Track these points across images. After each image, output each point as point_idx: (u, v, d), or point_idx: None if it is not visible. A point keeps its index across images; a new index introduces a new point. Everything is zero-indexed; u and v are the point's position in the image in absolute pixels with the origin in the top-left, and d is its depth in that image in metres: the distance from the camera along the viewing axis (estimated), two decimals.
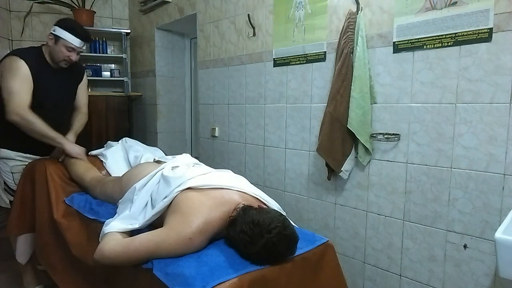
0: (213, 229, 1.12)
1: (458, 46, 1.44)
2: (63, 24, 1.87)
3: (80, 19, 3.30)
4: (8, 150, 1.92)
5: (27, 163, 1.94)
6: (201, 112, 2.87)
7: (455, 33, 1.44)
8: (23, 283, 2.02)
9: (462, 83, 1.44)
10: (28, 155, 1.96)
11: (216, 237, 1.16)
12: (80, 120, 2.12)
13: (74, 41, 1.85)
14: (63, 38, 1.84)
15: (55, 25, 1.87)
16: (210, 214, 1.12)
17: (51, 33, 1.85)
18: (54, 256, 1.63)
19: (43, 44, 1.94)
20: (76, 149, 1.87)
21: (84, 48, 1.95)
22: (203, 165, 1.58)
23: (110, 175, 1.86)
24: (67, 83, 2.05)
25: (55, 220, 1.57)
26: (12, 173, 1.94)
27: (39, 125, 1.77)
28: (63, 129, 1.98)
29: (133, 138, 2.28)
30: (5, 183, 1.97)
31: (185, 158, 1.62)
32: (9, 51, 3.25)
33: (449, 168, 1.50)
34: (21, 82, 1.77)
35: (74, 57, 1.91)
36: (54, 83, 1.94)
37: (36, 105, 1.81)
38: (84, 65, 3.50)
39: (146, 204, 1.29)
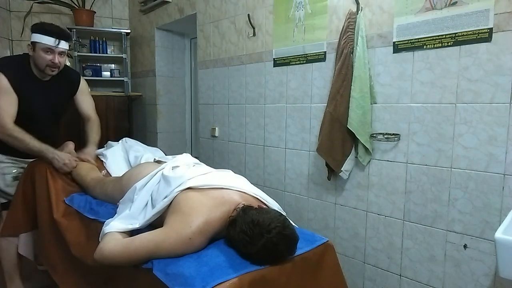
0: (213, 229, 1.12)
1: (458, 46, 1.44)
2: (34, 28, 1.75)
3: (80, 19, 3.31)
4: None
5: (19, 165, 1.93)
6: (201, 112, 2.87)
7: (455, 33, 1.44)
8: None
9: (462, 83, 1.44)
10: (19, 159, 1.93)
11: (216, 237, 1.16)
12: (93, 129, 2.03)
13: (49, 41, 1.71)
14: (37, 42, 1.72)
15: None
16: (210, 214, 1.12)
17: (29, 43, 1.74)
18: (55, 256, 1.63)
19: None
20: (65, 160, 1.77)
21: (64, 48, 1.77)
22: (203, 165, 1.57)
23: (110, 175, 1.86)
24: (57, 94, 1.93)
25: (55, 220, 1.57)
26: (3, 174, 1.91)
27: (24, 141, 1.70)
28: (52, 141, 1.90)
29: (133, 138, 2.28)
30: None
31: (186, 158, 1.62)
32: (9, 52, 3.30)
33: (449, 168, 1.50)
34: (0, 97, 1.69)
35: (56, 59, 1.75)
36: (40, 94, 1.84)
37: (22, 117, 1.75)
38: (83, 65, 3.52)
39: (146, 203, 1.29)
